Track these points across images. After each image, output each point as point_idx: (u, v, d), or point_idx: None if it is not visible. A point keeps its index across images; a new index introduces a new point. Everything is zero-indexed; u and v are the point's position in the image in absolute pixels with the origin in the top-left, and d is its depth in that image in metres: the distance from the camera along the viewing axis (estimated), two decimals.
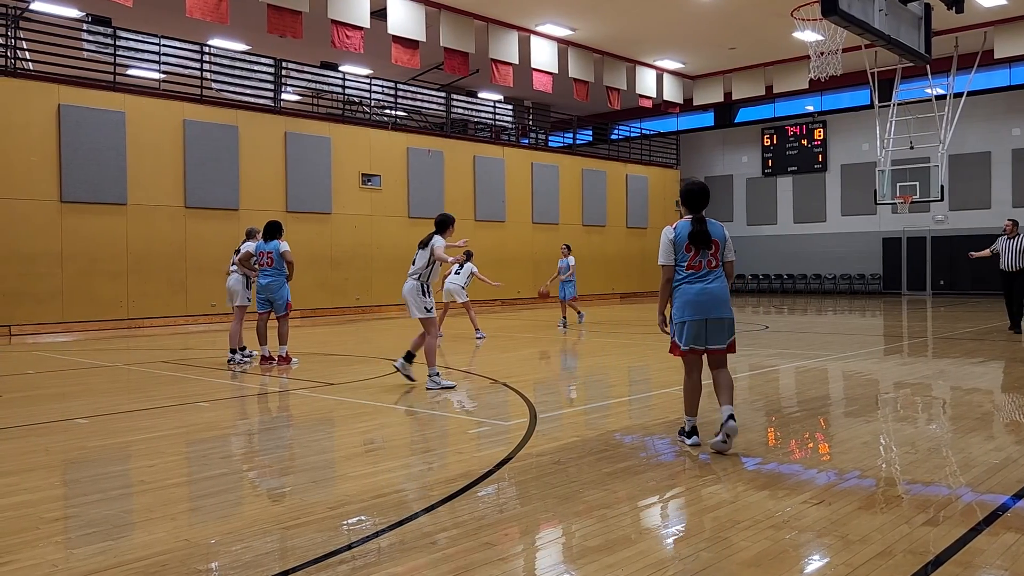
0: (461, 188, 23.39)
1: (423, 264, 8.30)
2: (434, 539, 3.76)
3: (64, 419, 6.86)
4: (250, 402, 8.00)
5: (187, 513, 4.28)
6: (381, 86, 22.41)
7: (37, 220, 15.81)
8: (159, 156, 17.51)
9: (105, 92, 17.00)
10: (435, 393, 8.02)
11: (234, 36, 21.77)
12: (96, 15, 18.91)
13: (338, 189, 20.56)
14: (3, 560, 3.51)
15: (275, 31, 17.12)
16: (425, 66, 21.81)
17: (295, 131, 19.84)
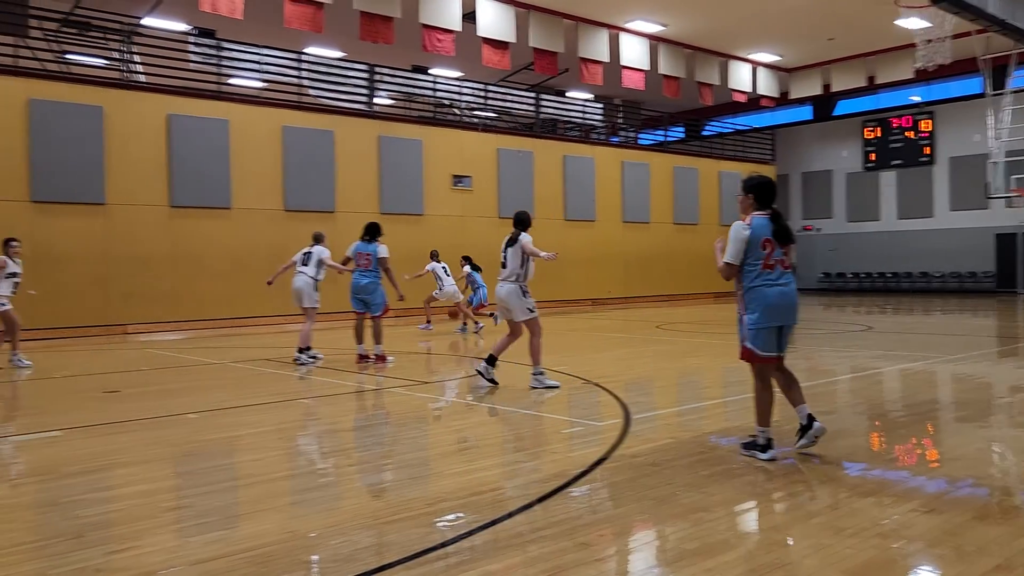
0: (550, 188, 23.41)
1: (517, 265, 8.08)
2: (530, 538, 3.78)
3: (176, 414, 7.21)
4: (348, 400, 8.22)
5: (292, 506, 4.43)
6: (471, 88, 22.65)
7: (150, 224, 16.66)
8: (260, 161, 18.19)
9: (210, 101, 17.78)
10: (539, 392, 7.99)
11: (329, 44, 22.40)
12: (202, 28, 19.82)
13: (430, 191, 20.90)
14: (128, 545, 3.73)
15: (368, 37, 17.54)
16: (515, 67, 21.92)
17: (388, 134, 20.27)
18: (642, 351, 12.29)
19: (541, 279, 23.80)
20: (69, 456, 5.64)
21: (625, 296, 25.24)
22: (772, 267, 5.09)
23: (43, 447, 5.98)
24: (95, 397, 8.26)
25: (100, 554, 3.61)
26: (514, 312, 8.03)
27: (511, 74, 23.53)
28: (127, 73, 17.37)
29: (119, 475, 5.16)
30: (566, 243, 23.72)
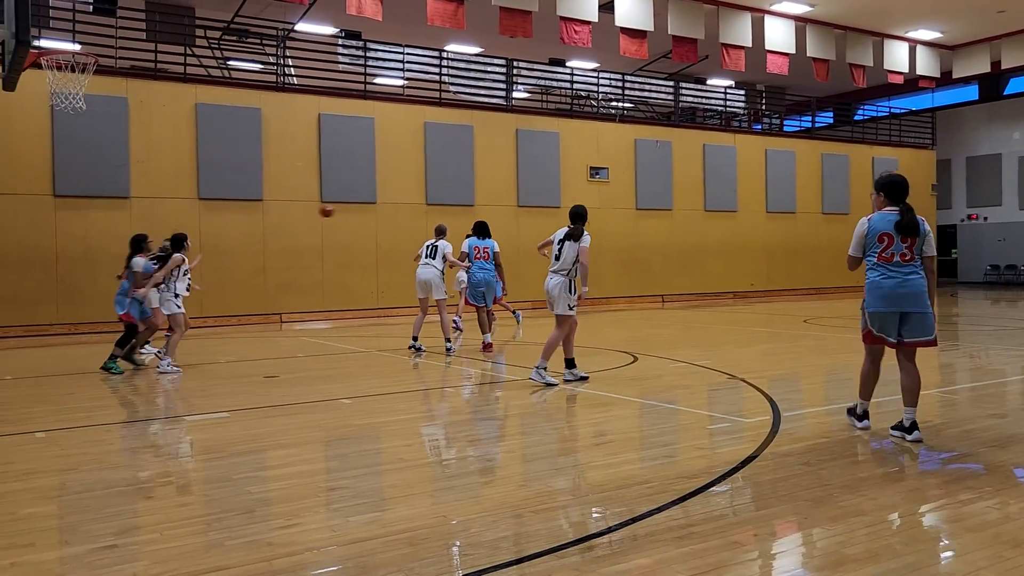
0: (690, 178, 22.89)
1: (571, 260, 8.03)
2: (680, 533, 3.72)
3: (330, 399, 7.57)
4: (489, 389, 8.37)
5: (441, 491, 4.56)
6: (608, 79, 22.47)
7: (302, 218, 17.56)
8: (403, 157, 18.79)
9: (357, 100, 18.52)
10: (680, 387, 7.88)
11: (468, 40, 22.80)
12: (349, 30, 20.66)
13: (566, 183, 20.91)
14: (291, 522, 3.95)
15: (506, 32, 17.72)
16: (652, 56, 21.56)
17: (525, 128, 20.44)
18: (788, 346, 11.82)
19: (681, 270, 23.35)
20: (236, 436, 6.04)
21: (768, 289, 24.34)
22: (890, 259, 5.51)
23: (213, 427, 6.44)
24: (256, 382, 8.80)
25: (269, 529, 3.84)
26: (556, 304, 8.04)
27: (648, 63, 23.14)
28: (282, 76, 18.36)
29: (281, 455, 5.48)
30: (706, 234, 23.17)
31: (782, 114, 28.58)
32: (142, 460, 5.28)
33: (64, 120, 14.51)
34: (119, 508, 4.31)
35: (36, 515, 4.21)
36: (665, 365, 9.54)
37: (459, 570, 3.35)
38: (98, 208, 15.54)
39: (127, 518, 4.12)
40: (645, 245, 22.17)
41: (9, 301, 14.73)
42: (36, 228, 15.01)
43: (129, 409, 7.23)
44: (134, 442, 5.80)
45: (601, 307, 20.79)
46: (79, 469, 5.11)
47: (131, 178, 15.84)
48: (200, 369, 9.97)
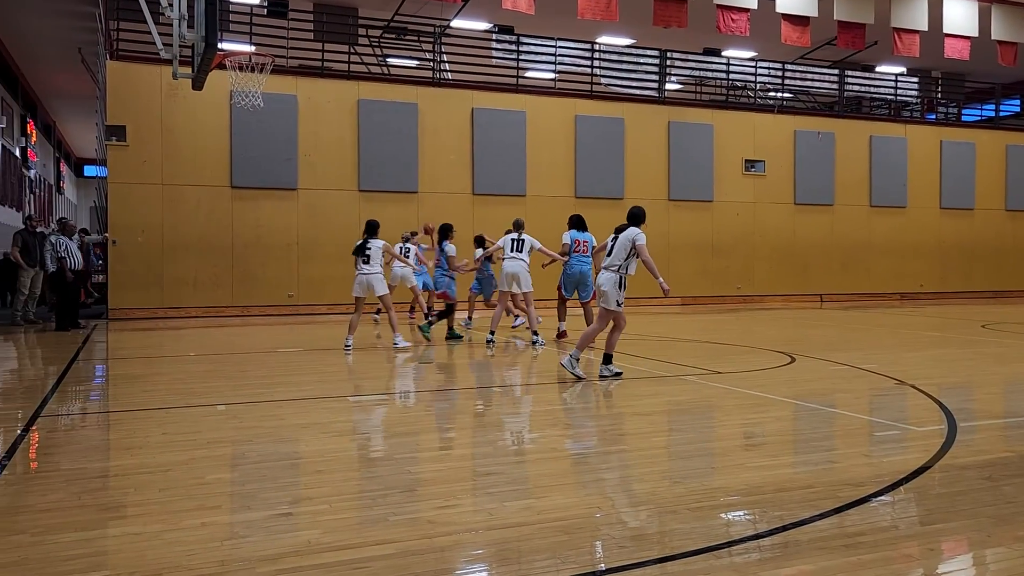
0: (854, 171, 21.69)
1: (623, 256, 7.83)
2: (845, 542, 3.55)
3: (483, 387, 7.74)
4: (637, 384, 8.28)
5: (594, 483, 4.57)
6: (767, 68, 21.63)
7: (455, 210, 18.02)
8: (554, 151, 18.89)
9: (509, 94, 18.79)
10: (837, 390, 7.51)
11: (621, 32, 22.59)
12: (502, 25, 20.97)
13: (720, 176, 20.35)
14: (449, 503, 4.08)
15: (660, 22, 17.43)
16: (815, 43, 20.56)
17: (678, 120, 20.04)
18: (964, 352, 10.98)
19: (843, 269, 22.22)
20: (396, 418, 6.31)
21: (941, 291, 22.72)
22: None
23: (375, 408, 6.74)
24: (413, 367, 9.13)
25: (429, 508, 3.99)
26: (607, 299, 7.83)
27: (811, 51, 22.09)
28: (438, 72, 18.91)
29: (437, 439, 5.67)
30: (871, 231, 21.91)
31: (960, 102, 26.50)
32: (311, 436, 5.61)
33: (241, 117, 15.62)
34: (292, 479, 4.61)
35: (220, 481, 4.57)
36: (824, 367, 9.11)
37: (612, 562, 3.35)
38: (269, 199, 16.62)
39: (300, 489, 4.40)
40: (803, 241, 21.24)
41: (191, 284, 16.03)
42: (215, 217, 16.24)
43: (297, 387, 7.70)
44: (302, 418, 6.18)
45: (754, 305, 20.12)
46: (256, 441, 5.49)
47: (299, 171, 16.82)
48: (363, 353, 10.46)
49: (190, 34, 9.95)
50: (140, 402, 7.00)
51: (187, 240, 16.03)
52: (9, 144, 26.03)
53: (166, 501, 4.08)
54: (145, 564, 3.24)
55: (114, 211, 15.72)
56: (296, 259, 16.86)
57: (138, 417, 6.35)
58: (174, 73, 11.46)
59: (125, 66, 15.80)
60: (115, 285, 15.68)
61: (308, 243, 16.91)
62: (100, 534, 3.65)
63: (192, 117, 16.05)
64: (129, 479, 4.54)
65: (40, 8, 19.74)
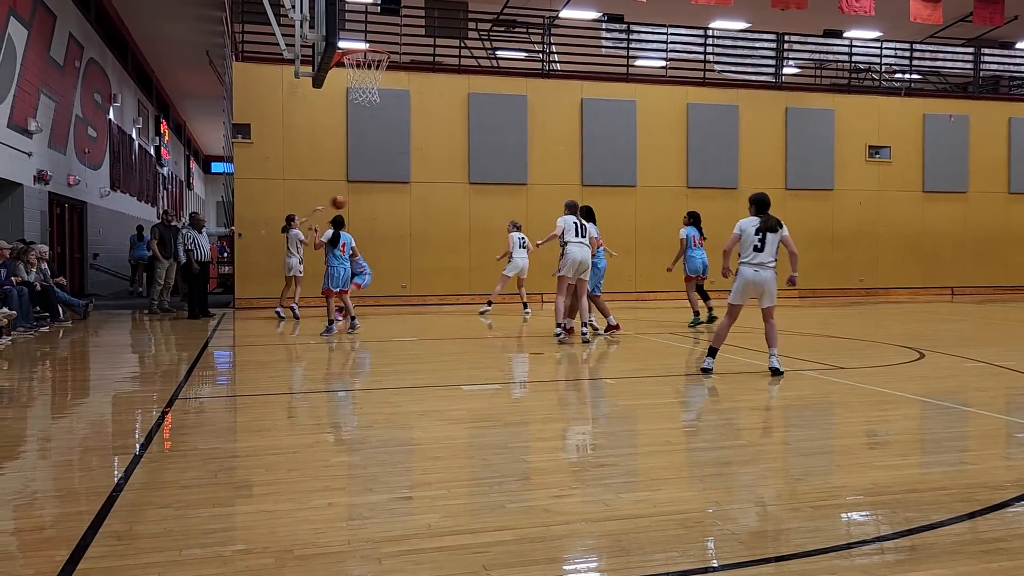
0: (991, 155, 20.33)
1: (775, 251, 7.73)
2: (985, 547, 3.35)
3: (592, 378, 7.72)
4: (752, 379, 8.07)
5: (712, 477, 4.48)
6: (893, 48, 20.55)
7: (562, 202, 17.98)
8: (665, 140, 18.57)
9: (619, 83, 18.59)
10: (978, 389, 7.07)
11: (735, 16, 21.96)
12: (611, 14, 20.77)
13: (841, 163, 19.50)
14: (567, 492, 4.10)
15: (778, 4, 16.85)
16: (947, 20, 19.38)
17: (796, 105, 19.32)
18: None
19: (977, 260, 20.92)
20: (509, 408, 6.38)
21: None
22: None
23: (488, 397, 6.84)
24: (524, 358, 9.21)
25: (546, 496, 4.02)
26: (773, 296, 7.71)
27: (942, 29, 20.84)
28: (546, 63, 18.91)
29: (550, 429, 5.70)
30: (1010, 219, 20.55)
31: None
32: (428, 423, 5.75)
33: (356, 112, 16.10)
34: (411, 464, 4.74)
35: (344, 464, 4.75)
36: (957, 364, 8.61)
37: (734, 558, 3.28)
38: (383, 192, 17.07)
39: (419, 474, 4.52)
40: (933, 231, 20.11)
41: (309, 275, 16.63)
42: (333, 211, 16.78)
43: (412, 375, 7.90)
44: (419, 406, 6.33)
45: (879, 298, 19.22)
46: (375, 427, 5.67)
47: (411, 164, 17.19)
48: (472, 342, 10.62)
49: (311, 34, 10.33)
50: (266, 387, 7.35)
51: None
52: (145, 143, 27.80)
53: (294, 481, 4.27)
54: (277, 540, 3.40)
55: (239, 205, 16.53)
56: (409, 250, 17.26)
57: (265, 401, 6.67)
58: (296, 72, 11.93)
59: (250, 67, 16.56)
60: (241, 276, 16.49)
61: (420, 235, 17.28)
62: (235, 510, 3.86)
63: (311, 114, 16.66)
64: (260, 459, 4.78)
65: (172, 14, 20.96)
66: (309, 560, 3.19)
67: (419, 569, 3.11)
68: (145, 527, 3.58)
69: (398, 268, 17.18)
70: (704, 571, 3.13)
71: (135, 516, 3.74)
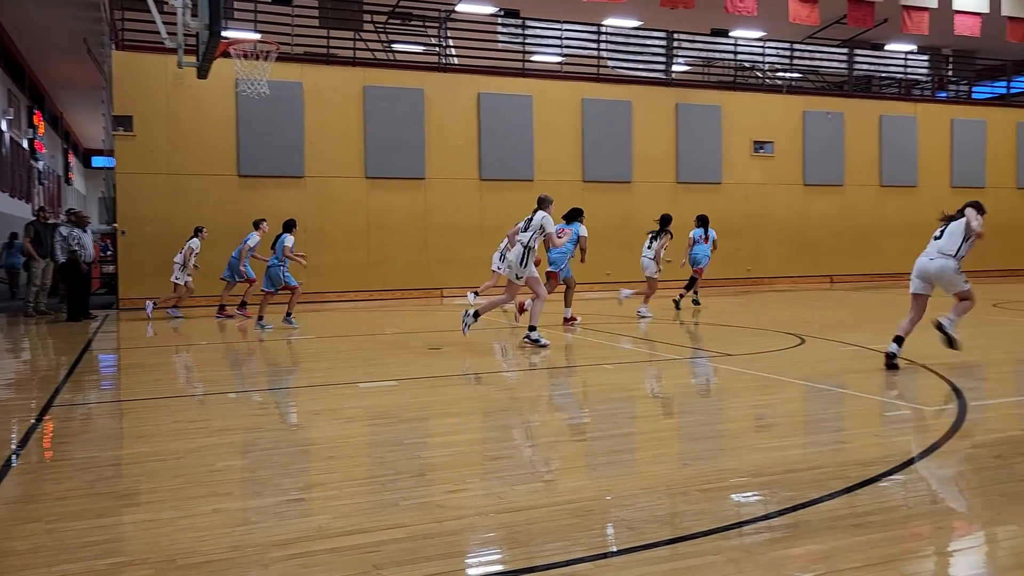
0: (864, 151, 21.52)
1: (959, 240, 7.84)
2: (855, 522, 3.55)
3: (491, 371, 7.76)
4: (649, 367, 8.29)
5: (605, 466, 4.57)
6: (775, 48, 21.46)
7: (461, 196, 18.02)
8: (561, 135, 18.81)
9: (516, 78, 18.71)
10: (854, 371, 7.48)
11: (628, 14, 22.43)
12: (507, 8, 20.84)
13: (728, 158, 20.24)
14: (460, 487, 4.10)
15: (668, 3, 17.30)
16: (824, 22, 20.37)
17: (685, 102, 19.92)
18: (976, 332, 10.89)
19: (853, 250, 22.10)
20: (404, 404, 6.33)
21: None
22: None
23: (384, 394, 6.77)
24: (421, 353, 9.16)
25: (440, 492, 4.01)
26: (955, 284, 7.78)
27: (820, 30, 21.90)
28: (443, 57, 18.83)
29: (446, 424, 5.69)
30: (882, 211, 21.78)
31: (971, 80, 26.25)
32: (322, 422, 5.64)
33: (247, 105, 15.61)
34: (302, 465, 4.64)
35: (232, 468, 4.60)
36: (835, 348, 9.09)
37: (623, 543, 3.36)
38: (276, 187, 16.62)
39: (311, 475, 4.43)
40: (813, 223, 21.13)
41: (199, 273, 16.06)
42: (223, 207, 16.27)
43: (308, 374, 7.74)
44: (313, 405, 6.20)
45: (765, 287, 20.05)
46: (267, 428, 5.53)
47: (305, 158, 16.81)
48: (369, 339, 10.49)
49: (194, 22, 9.94)
50: (151, 391, 7.05)
51: None
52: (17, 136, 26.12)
53: (178, 488, 4.11)
54: (159, 550, 3.27)
55: (122, 201, 15.77)
56: (304, 247, 16.85)
57: (149, 406, 6.39)
58: (179, 62, 11.46)
59: (130, 56, 15.80)
60: (125, 275, 15.75)
61: (316, 231, 16.92)
62: (114, 521, 3.68)
63: (198, 106, 16.05)
64: (142, 467, 4.58)
65: None
66: (192, 569, 3.08)
67: (308, 572, 3.04)
68: (12, 544, 3.37)
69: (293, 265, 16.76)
70: (594, 558, 3.19)
71: (2, 533, 3.52)
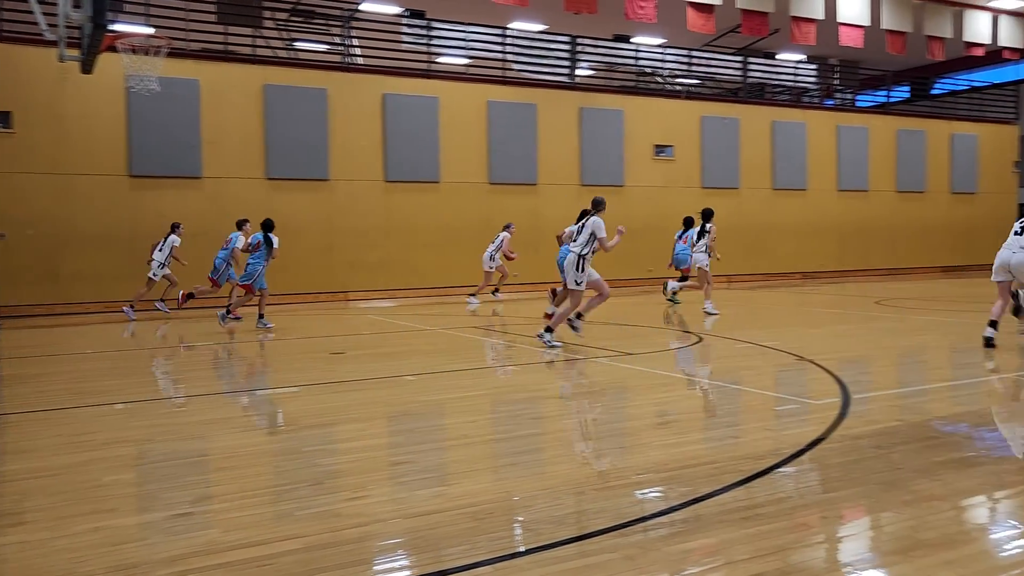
0: (758, 155, 22.37)
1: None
2: (745, 514, 3.67)
3: (395, 375, 7.68)
4: (553, 368, 8.37)
5: (506, 467, 4.59)
6: (674, 54, 22.05)
7: (368, 198, 17.79)
8: (466, 137, 18.81)
9: (421, 80, 18.59)
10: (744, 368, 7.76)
11: (532, 18, 22.63)
12: (413, 9, 20.71)
13: (631, 161, 20.67)
14: (360, 494, 4.03)
15: (571, 8, 17.51)
16: (720, 30, 21.06)
17: (589, 106, 20.23)
18: (860, 328, 11.51)
19: (748, 250, 22.90)
20: (305, 410, 6.19)
21: (840, 270, 23.71)
22: None
23: (284, 401, 6.60)
24: (325, 358, 8.98)
25: (337, 500, 3.93)
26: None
27: (716, 38, 22.63)
28: (347, 57, 18.55)
29: (348, 430, 5.59)
30: (774, 213, 22.66)
31: (855, 89, 27.65)
32: (216, 432, 5.45)
33: (139, 102, 14.96)
34: (194, 478, 4.47)
35: (118, 482, 4.39)
36: (731, 346, 9.40)
37: (523, 545, 3.37)
38: (172, 188, 16.00)
39: (202, 487, 4.27)
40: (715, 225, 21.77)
41: (89, 279, 15.32)
42: (113, 208, 15.56)
43: (204, 383, 7.47)
44: (208, 415, 5.99)
45: None
46: (156, 440, 5.30)
47: (203, 159, 16.25)
48: (271, 344, 10.22)
49: (76, 14, 9.43)
50: (33, 403, 6.66)
51: (83, 232, 15.29)
52: None
53: (56, 506, 3.89)
54: (30, 573, 3.08)
55: (1, 203, 14.86)
56: (203, 250, 16.28)
57: (31, 419, 6.04)
58: (61, 55, 10.86)
59: (9, 48, 14.90)
60: (5, 281, 14.84)
61: (215, 233, 16.32)
62: None
63: (85, 102, 15.28)
64: (16, 485, 4.31)
65: None
66: None
67: None
68: None
69: (192, 269, 16.18)
70: (493, 562, 3.19)
71: None
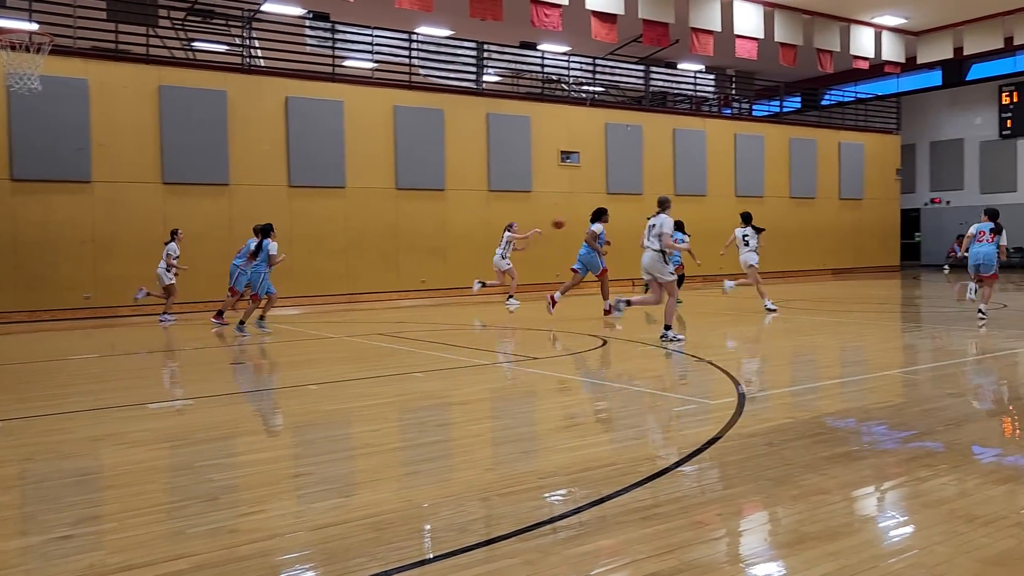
0: (660, 162, 22.96)
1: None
2: (645, 514, 3.74)
3: (297, 385, 7.51)
4: (459, 374, 8.35)
5: (407, 476, 4.55)
6: (579, 62, 22.41)
7: (270, 203, 17.35)
8: (373, 142, 18.61)
9: (326, 83, 18.28)
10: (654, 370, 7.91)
11: (438, 23, 22.60)
12: (317, 11, 20.36)
13: (538, 167, 20.87)
14: (255, 509, 3.92)
15: (477, 14, 17.58)
16: (623, 40, 21.54)
17: (496, 112, 20.33)
18: (754, 329, 11.94)
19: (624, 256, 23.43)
20: (200, 423, 5.97)
21: (736, 272, 24.54)
22: None
23: (177, 415, 6.36)
24: (223, 368, 8.70)
25: (232, 516, 3.81)
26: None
27: (619, 47, 23.13)
28: (248, 58, 18.08)
29: (246, 442, 5.43)
30: (676, 218, 23.22)
31: (751, 99, 28.73)
32: (102, 449, 5.20)
33: (22, 102, 14.18)
34: (77, 498, 4.24)
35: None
36: (633, 348, 9.60)
37: (426, 554, 3.35)
38: (58, 193, 15.22)
39: (85, 507, 4.06)
40: (616, 228, 22.05)
41: None
42: None
43: (90, 397, 7.12)
44: (94, 431, 5.72)
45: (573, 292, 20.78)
46: (37, 459, 5.02)
47: (92, 162, 15.52)
48: (166, 356, 9.83)
49: None
50: None
51: None
52: None
53: None
54: None
55: None
56: (92, 258, 15.57)
57: None
58: None
59: None
60: None
61: (106, 240, 15.66)
62: None
63: None
64: None
65: None
66: None
67: None
68: None
69: (80, 277, 15.42)
70: (392, 572, 3.15)
71: None
